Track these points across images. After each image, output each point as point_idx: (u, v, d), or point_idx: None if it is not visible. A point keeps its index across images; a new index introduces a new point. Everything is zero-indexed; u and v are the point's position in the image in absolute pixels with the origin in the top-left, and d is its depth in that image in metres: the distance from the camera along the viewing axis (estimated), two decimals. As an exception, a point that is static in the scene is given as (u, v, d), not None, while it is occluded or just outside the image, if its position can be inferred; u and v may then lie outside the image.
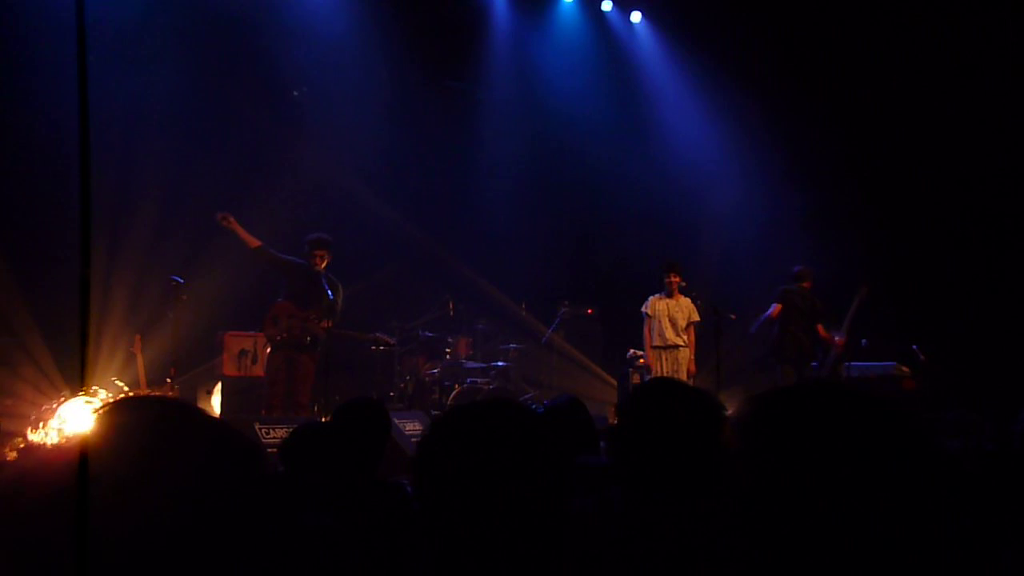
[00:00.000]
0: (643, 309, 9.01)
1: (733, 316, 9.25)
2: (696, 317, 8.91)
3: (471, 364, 10.06)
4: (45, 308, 8.79)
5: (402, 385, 9.87)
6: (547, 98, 11.93)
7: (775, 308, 9.17)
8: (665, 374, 8.65)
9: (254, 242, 7.98)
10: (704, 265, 10.00)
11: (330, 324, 7.94)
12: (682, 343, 8.83)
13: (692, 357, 8.88)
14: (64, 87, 8.74)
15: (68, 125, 8.71)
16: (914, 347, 9.40)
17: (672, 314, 8.84)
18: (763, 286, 10.47)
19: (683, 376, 8.60)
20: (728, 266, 10.59)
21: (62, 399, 7.31)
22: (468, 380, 9.71)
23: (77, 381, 8.77)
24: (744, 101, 11.04)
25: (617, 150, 11.78)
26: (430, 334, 10.14)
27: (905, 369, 9.41)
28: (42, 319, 8.75)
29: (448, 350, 10.09)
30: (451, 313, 10.31)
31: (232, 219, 7.83)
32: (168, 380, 7.47)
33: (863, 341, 9.26)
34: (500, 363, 10.15)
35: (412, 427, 7.14)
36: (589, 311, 11.43)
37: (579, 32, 12.26)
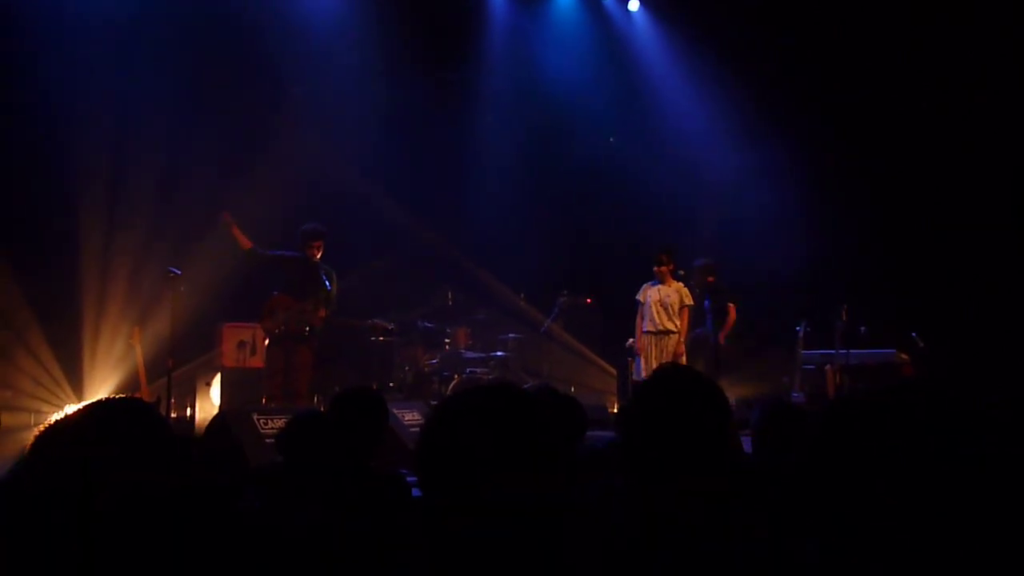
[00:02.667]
0: (636, 297, 9.02)
1: (732, 304, 9.25)
2: (689, 301, 8.86)
3: (470, 354, 10.05)
4: (43, 300, 8.79)
5: (401, 375, 9.87)
6: (545, 87, 11.89)
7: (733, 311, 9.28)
8: (655, 360, 8.61)
9: (247, 244, 8.01)
10: (703, 252, 9.95)
11: (327, 313, 7.95)
12: (674, 328, 8.78)
13: (680, 340, 8.82)
14: (60, 84, 8.73)
15: (66, 120, 8.72)
16: (913, 334, 9.40)
17: (664, 300, 8.79)
18: (763, 273, 10.47)
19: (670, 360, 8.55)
20: (727, 253, 10.55)
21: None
22: (467, 370, 9.71)
23: (75, 374, 8.80)
24: (743, 88, 11.01)
25: (617, 138, 11.74)
26: (429, 324, 10.13)
27: (904, 356, 9.41)
28: (40, 311, 8.74)
29: (447, 340, 10.09)
30: (450, 303, 10.30)
31: (230, 218, 7.90)
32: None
33: (862, 328, 9.25)
34: (499, 353, 10.15)
35: (411, 417, 7.14)
36: (588, 300, 11.41)
37: (576, 20, 12.19)
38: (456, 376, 9.56)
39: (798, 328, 9.53)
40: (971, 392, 1.20)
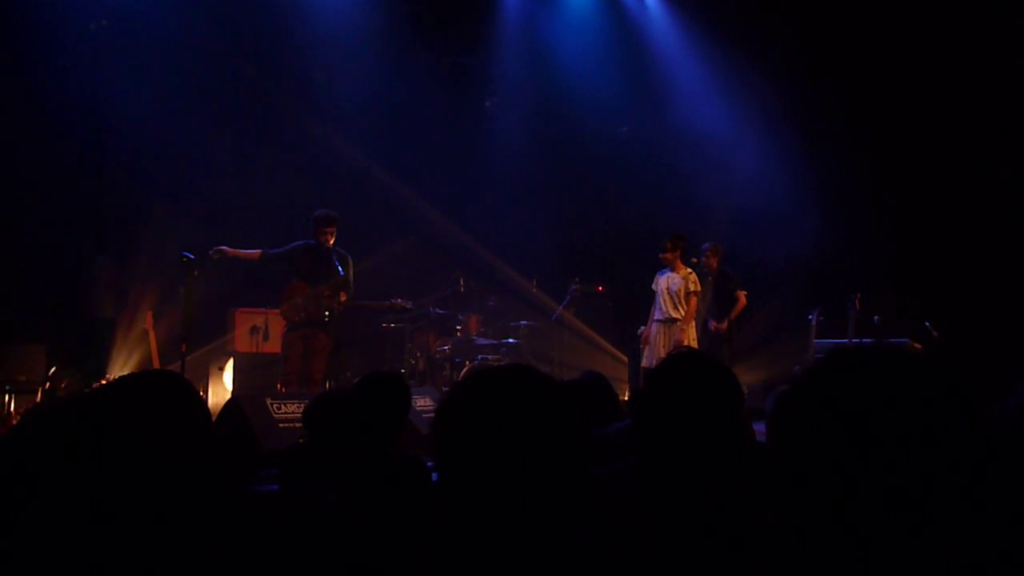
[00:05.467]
0: (652, 286, 9.05)
1: (745, 292, 9.24)
2: (695, 287, 8.87)
3: (482, 341, 10.06)
4: (60, 286, 8.85)
5: (413, 362, 9.88)
6: (558, 73, 11.86)
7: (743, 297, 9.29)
8: (663, 348, 8.61)
9: (254, 255, 8.06)
10: (716, 241, 9.93)
11: (346, 298, 7.97)
12: (676, 316, 8.80)
13: (690, 329, 8.83)
14: (77, 77, 8.76)
15: (82, 108, 8.74)
16: (926, 323, 9.35)
17: (671, 287, 8.82)
18: (777, 261, 10.44)
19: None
20: (741, 241, 10.53)
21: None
22: (479, 357, 9.72)
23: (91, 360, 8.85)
24: (757, 75, 10.95)
25: (629, 126, 11.70)
26: (441, 311, 10.13)
27: (918, 346, 9.36)
28: (57, 297, 8.79)
29: (459, 327, 10.10)
30: (462, 290, 10.30)
31: (224, 249, 7.88)
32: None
33: (875, 317, 9.22)
34: (511, 340, 10.15)
35: (423, 403, 7.16)
36: (600, 288, 11.41)
37: (590, 6, 12.15)
38: (467, 363, 9.57)
39: (811, 316, 9.50)
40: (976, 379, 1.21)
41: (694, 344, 8.69)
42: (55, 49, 8.58)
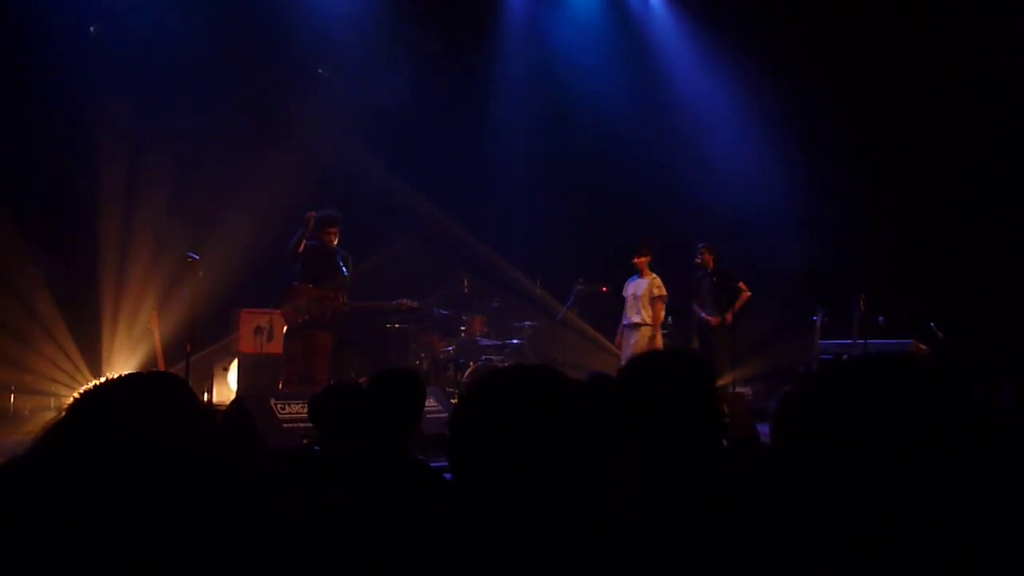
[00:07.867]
0: (623, 293, 9.18)
1: (747, 292, 9.24)
2: (660, 291, 8.95)
3: (486, 341, 10.06)
4: (63, 285, 8.87)
5: (417, 362, 9.88)
6: (562, 73, 11.86)
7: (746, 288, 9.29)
8: (628, 353, 8.70)
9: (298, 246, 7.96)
10: (718, 240, 9.92)
11: (346, 300, 7.96)
12: (640, 321, 8.87)
13: (657, 333, 8.92)
14: (81, 69, 8.78)
15: (86, 106, 8.76)
16: (931, 324, 9.33)
17: (636, 292, 8.95)
18: (781, 262, 10.42)
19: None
20: (745, 241, 10.52)
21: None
22: (483, 358, 9.71)
23: (94, 358, 8.87)
24: (761, 75, 10.94)
25: (633, 126, 11.69)
26: (445, 312, 10.13)
27: (923, 347, 9.34)
28: (60, 296, 8.81)
29: (463, 328, 10.10)
30: (466, 290, 10.30)
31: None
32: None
33: (880, 318, 9.20)
34: (515, 340, 10.14)
35: (428, 404, 7.13)
36: (604, 289, 11.39)
37: (594, 6, 12.15)
38: (472, 363, 9.56)
39: (815, 317, 9.49)
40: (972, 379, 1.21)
41: (659, 347, 8.74)
42: (55, 52, 8.60)
